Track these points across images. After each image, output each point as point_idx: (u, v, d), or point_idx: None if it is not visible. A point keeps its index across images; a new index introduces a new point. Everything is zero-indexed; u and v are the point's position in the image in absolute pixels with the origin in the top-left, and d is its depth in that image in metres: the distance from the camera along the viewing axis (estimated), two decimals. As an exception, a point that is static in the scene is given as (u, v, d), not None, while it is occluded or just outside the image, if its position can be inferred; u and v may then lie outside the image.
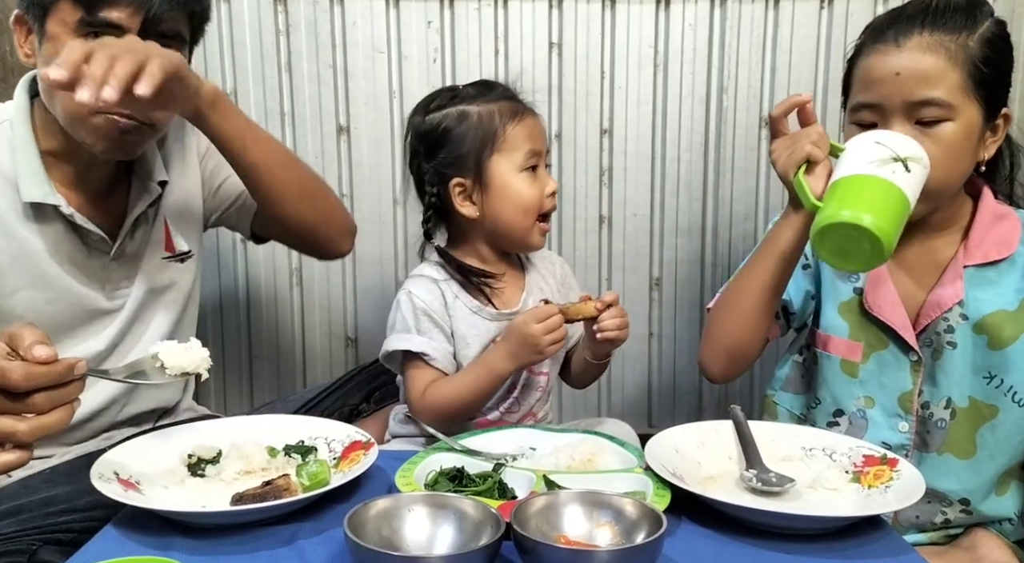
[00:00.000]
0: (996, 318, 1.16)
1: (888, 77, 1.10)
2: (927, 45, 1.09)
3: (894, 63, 1.10)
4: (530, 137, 1.29)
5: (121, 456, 0.98)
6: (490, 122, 1.27)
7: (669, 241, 1.93)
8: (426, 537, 0.81)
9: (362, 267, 1.91)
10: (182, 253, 1.37)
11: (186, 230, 1.39)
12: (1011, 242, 1.18)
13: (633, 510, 0.82)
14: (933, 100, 1.08)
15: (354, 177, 1.87)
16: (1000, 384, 1.17)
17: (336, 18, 1.81)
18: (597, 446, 1.06)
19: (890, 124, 1.11)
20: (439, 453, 1.03)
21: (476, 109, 1.28)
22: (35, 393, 0.78)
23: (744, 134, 1.88)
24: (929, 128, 1.10)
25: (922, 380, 1.19)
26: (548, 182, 1.31)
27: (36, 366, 0.78)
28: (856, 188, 1.02)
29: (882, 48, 1.11)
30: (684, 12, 1.83)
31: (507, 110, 1.28)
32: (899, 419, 1.21)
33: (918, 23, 1.10)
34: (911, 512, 1.22)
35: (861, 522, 0.91)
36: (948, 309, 1.17)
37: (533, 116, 1.31)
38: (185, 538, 0.87)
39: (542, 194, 1.30)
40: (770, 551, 0.85)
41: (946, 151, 1.09)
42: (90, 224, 1.22)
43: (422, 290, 1.28)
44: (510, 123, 1.27)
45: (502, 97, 1.30)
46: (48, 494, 1.14)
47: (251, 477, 1.00)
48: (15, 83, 1.23)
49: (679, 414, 2.01)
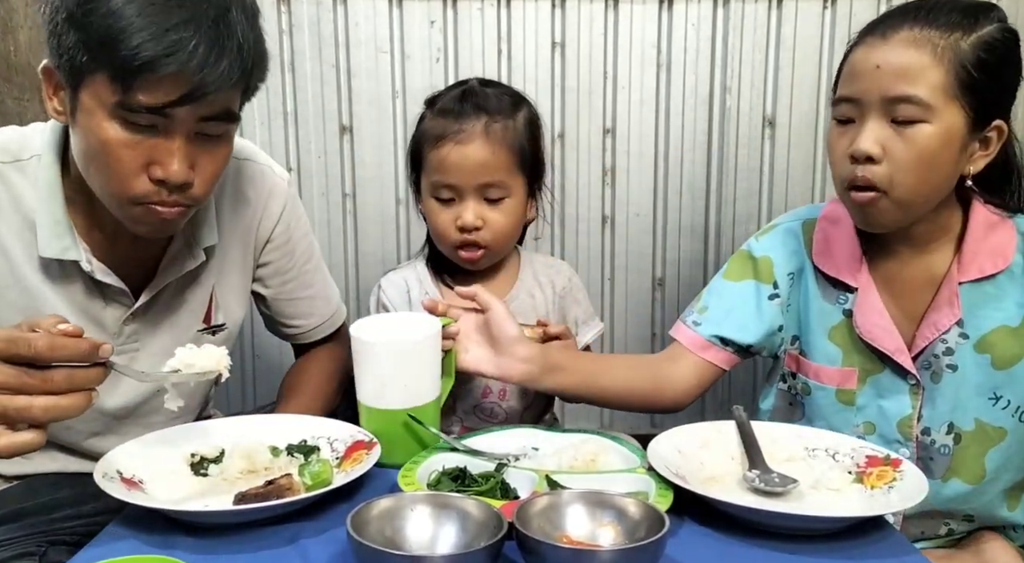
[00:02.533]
0: (998, 335, 1.10)
1: (869, 70, 1.03)
2: (913, 39, 1.01)
3: (876, 56, 1.02)
4: (439, 168, 1.24)
5: (124, 455, 0.98)
6: (422, 136, 1.27)
7: (672, 241, 1.93)
8: (429, 537, 0.81)
9: (364, 266, 1.91)
10: (216, 326, 1.24)
11: (232, 302, 1.25)
12: (1007, 253, 1.10)
13: (636, 510, 0.82)
14: (910, 97, 1.00)
15: (357, 176, 1.87)
16: (1007, 405, 1.11)
17: (339, 18, 1.81)
18: (599, 446, 1.06)
19: (866, 121, 1.03)
20: (442, 453, 1.03)
21: (427, 118, 1.28)
22: (56, 370, 0.78)
23: (747, 134, 1.88)
24: (904, 128, 1.02)
25: (921, 404, 1.13)
26: (463, 214, 1.25)
27: (62, 337, 0.78)
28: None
29: (869, 41, 1.04)
30: (687, 12, 1.83)
31: (435, 131, 1.25)
32: (899, 445, 1.14)
33: (910, 18, 1.03)
34: (916, 528, 1.19)
35: (864, 523, 0.90)
36: (946, 330, 1.10)
37: (455, 144, 1.22)
38: (188, 537, 0.87)
39: (452, 225, 1.25)
40: (773, 551, 0.85)
41: (918, 155, 1.01)
42: (112, 277, 1.09)
43: (389, 286, 1.34)
44: (430, 146, 1.25)
45: (449, 112, 1.25)
46: (53, 496, 1.14)
47: (254, 476, 1.00)
48: (19, 82, 1.21)
49: (681, 415, 2.00)
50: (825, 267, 1.18)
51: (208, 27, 0.91)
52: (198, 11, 0.91)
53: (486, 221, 1.25)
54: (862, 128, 1.03)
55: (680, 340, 1.24)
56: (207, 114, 0.96)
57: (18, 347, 0.78)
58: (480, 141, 1.23)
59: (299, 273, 1.32)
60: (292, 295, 1.33)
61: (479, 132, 1.23)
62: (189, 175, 0.97)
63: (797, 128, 1.89)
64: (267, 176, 1.26)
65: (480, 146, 1.23)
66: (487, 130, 1.23)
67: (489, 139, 1.23)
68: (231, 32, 0.93)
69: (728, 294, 1.24)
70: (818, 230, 1.20)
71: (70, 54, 0.93)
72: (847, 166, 1.05)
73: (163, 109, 0.92)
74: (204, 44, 0.91)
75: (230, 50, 0.93)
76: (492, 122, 1.24)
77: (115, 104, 0.93)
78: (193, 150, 0.98)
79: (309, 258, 1.34)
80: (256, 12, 1.00)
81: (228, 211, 1.21)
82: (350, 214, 1.90)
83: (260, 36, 1.00)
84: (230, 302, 1.24)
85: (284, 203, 1.27)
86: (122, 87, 0.91)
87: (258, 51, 0.99)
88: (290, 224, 1.28)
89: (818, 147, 1.89)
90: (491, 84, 1.32)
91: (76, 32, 0.92)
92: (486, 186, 1.24)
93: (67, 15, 0.92)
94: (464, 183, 1.24)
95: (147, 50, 0.89)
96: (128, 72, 0.90)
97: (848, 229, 1.17)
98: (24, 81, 1.73)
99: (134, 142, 0.95)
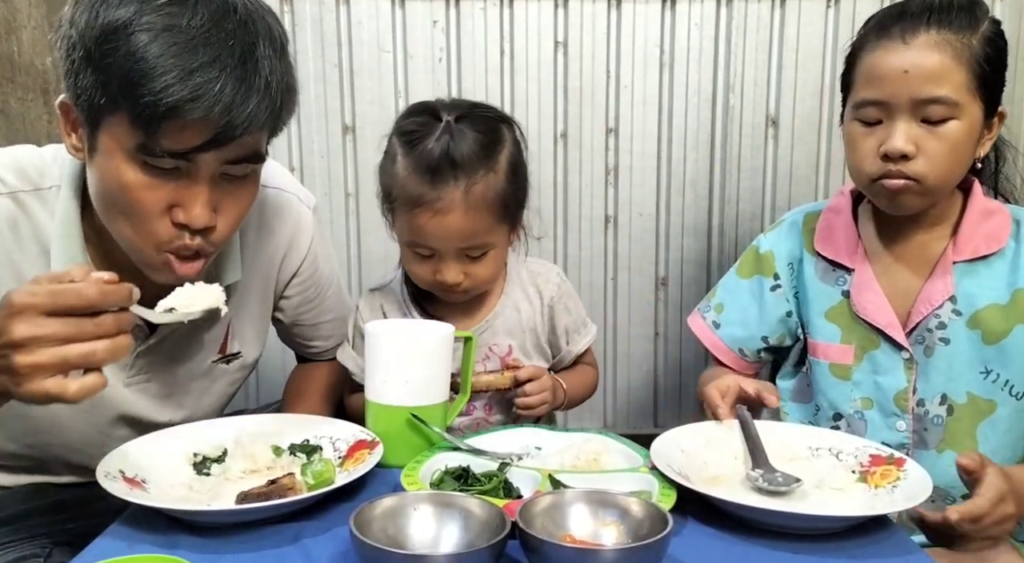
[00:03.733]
0: (989, 312, 1.17)
1: (895, 74, 1.10)
2: (935, 43, 1.09)
3: (902, 60, 1.09)
4: (417, 234, 1.14)
5: (127, 454, 0.98)
6: (394, 189, 1.15)
7: (675, 241, 1.93)
8: (432, 536, 0.81)
9: (367, 265, 1.91)
10: (232, 355, 1.21)
11: (248, 332, 1.22)
12: (1000, 237, 1.19)
13: (639, 509, 0.82)
14: (940, 98, 1.09)
15: (359, 176, 1.87)
16: (997, 379, 1.17)
17: (342, 17, 1.81)
18: (602, 445, 1.06)
19: (895, 121, 1.11)
20: (444, 452, 1.03)
21: (400, 164, 1.13)
22: (105, 315, 0.79)
23: (750, 133, 1.88)
24: (935, 126, 1.10)
25: (916, 378, 1.19)
26: (444, 272, 1.15)
27: (107, 284, 0.79)
28: None
29: (888, 45, 1.11)
30: (690, 11, 1.83)
31: (409, 195, 1.12)
32: (896, 418, 1.21)
33: (924, 20, 1.10)
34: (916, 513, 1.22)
35: (868, 522, 0.90)
36: (939, 305, 1.18)
37: (434, 215, 1.11)
38: (191, 536, 0.87)
39: (431, 276, 1.17)
40: (776, 551, 0.85)
41: (951, 149, 1.10)
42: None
43: (365, 308, 1.27)
44: (403, 208, 1.14)
45: (425, 173, 1.11)
46: (57, 498, 1.14)
47: (256, 476, 1.00)
48: (22, 82, 1.20)
49: (685, 414, 2.01)
50: (826, 252, 1.27)
51: (234, 66, 0.87)
52: (224, 49, 0.86)
53: (468, 274, 1.17)
54: (893, 128, 1.11)
55: (700, 337, 1.36)
56: (233, 157, 0.93)
57: (66, 298, 0.78)
58: (460, 211, 1.11)
59: (321, 300, 1.31)
60: (313, 321, 1.33)
61: (459, 201, 1.10)
62: (212, 219, 0.94)
63: (800, 127, 1.88)
64: (293, 208, 1.22)
65: (460, 215, 1.11)
66: (467, 197, 1.11)
67: (469, 207, 1.11)
68: (258, 70, 0.88)
69: (740, 292, 1.35)
70: (822, 219, 1.30)
71: (88, 94, 0.88)
72: (876, 163, 1.13)
73: (187, 154, 0.89)
74: (231, 86, 0.86)
75: (257, 90, 0.88)
76: (472, 184, 1.11)
77: (135, 147, 0.89)
78: (217, 193, 0.94)
79: (331, 283, 1.32)
80: (284, 42, 0.95)
81: (252, 243, 1.17)
82: (353, 214, 1.90)
83: (289, 69, 0.95)
84: (247, 332, 1.22)
85: (311, 238, 1.24)
86: (144, 131, 0.87)
87: (287, 87, 0.94)
88: (317, 256, 1.26)
89: (821, 146, 1.89)
90: (466, 115, 1.14)
91: (94, 73, 0.87)
92: (467, 248, 1.15)
93: (84, 54, 0.87)
94: (444, 248, 1.14)
95: (171, 95, 0.84)
96: (150, 117, 0.85)
97: (848, 218, 1.27)
98: (27, 81, 1.73)
99: (155, 185, 0.91)
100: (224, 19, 0.87)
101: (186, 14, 0.86)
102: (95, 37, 0.86)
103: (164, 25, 0.85)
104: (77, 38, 0.88)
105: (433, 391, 1.06)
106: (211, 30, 0.86)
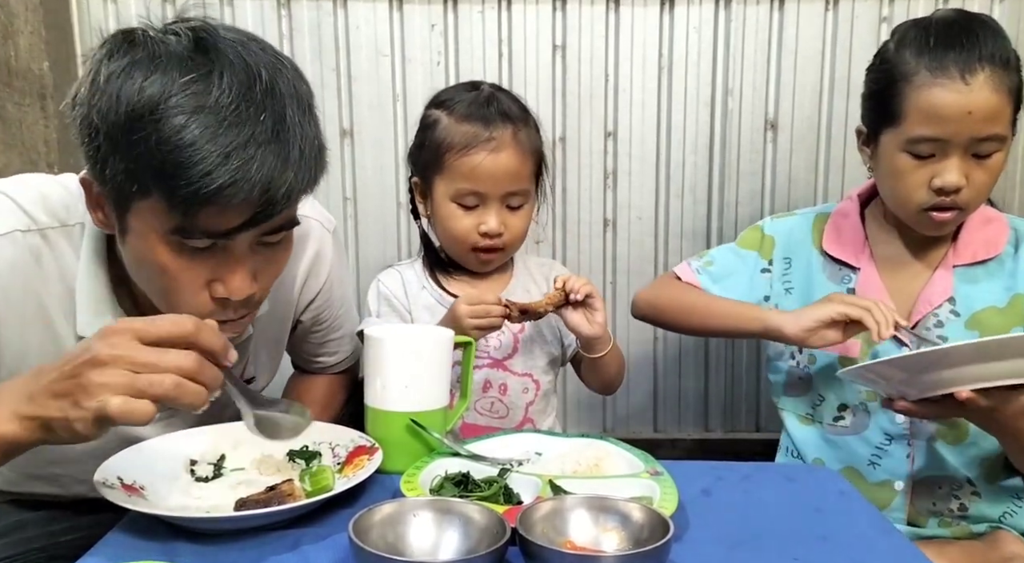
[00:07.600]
0: (987, 314, 1.23)
1: (960, 116, 1.12)
2: (992, 84, 1.12)
3: (967, 101, 1.11)
4: (469, 176, 1.24)
5: (124, 461, 0.98)
6: (444, 142, 1.25)
7: (674, 244, 1.93)
8: (431, 542, 0.80)
9: (365, 270, 1.91)
10: (246, 380, 1.21)
11: (263, 355, 1.22)
12: (998, 243, 1.25)
13: (640, 515, 0.81)
14: (995, 136, 1.13)
15: (357, 180, 1.87)
16: None
17: (339, 21, 1.81)
18: (603, 451, 1.06)
19: (950, 157, 1.14)
20: (444, 458, 1.02)
21: (446, 121, 1.26)
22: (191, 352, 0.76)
23: (749, 137, 1.88)
24: (984, 159, 1.15)
25: None
26: (487, 220, 1.26)
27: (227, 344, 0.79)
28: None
29: (948, 84, 1.12)
30: (688, 14, 1.83)
31: (462, 138, 1.23)
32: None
33: (976, 57, 1.12)
34: (927, 501, 1.26)
35: (868, 522, 0.90)
36: (938, 306, 1.24)
37: (488, 153, 1.22)
38: (189, 543, 0.86)
39: (473, 230, 1.27)
40: (777, 556, 0.85)
41: (993, 177, 1.17)
42: None
43: (388, 278, 1.36)
44: (456, 153, 1.24)
45: (477, 119, 1.24)
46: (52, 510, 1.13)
47: (255, 482, 1.00)
48: (19, 87, 1.19)
49: (684, 419, 2.00)
50: (834, 251, 1.33)
51: (268, 140, 0.84)
52: (256, 125, 0.83)
53: (507, 226, 1.28)
54: (946, 163, 1.15)
55: (678, 273, 1.44)
56: (270, 229, 0.91)
57: (162, 323, 0.76)
58: (511, 150, 1.23)
59: (333, 319, 1.31)
60: (322, 339, 1.33)
61: (509, 140, 1.23)
62: (253, 288, 0.93)
63: (799, 131, 1.88)
64: (314, 233, 1.20)
65: (511, 155, 1.24)
66: (516, 138, 1.24)
67: (518, 148, 1.24)
68: (292, 139, 0.86)
69: (733, 257, 1.42)
70: (830, 222, 1.36)
71: (117, 181, 0.85)
72: (927, 195, 1.17)
73: (226, 234, 0.87)
74: (268, 164, 0.83)
75: (293, 162, 0.86)
76: (518, 130, 1.25)
77: (171, 230, 0.86)
78: (255, 261, 0.93)
79: (343, 302, 1.32)
80: (311, 100, 0.91)
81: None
82: (351, 218, 1.89)
83: (318, 128, 0.92)
84: (261, 356, 1.22)
85: (330, 264, 1.23)
86: (181, 216, 0.84)
87: (319, 150, 0.91)
88: (333, 282, 1.26)
89: (820, 149, 1.89)
90: (500, 89, 1.32)
91: (123, 160, 0.83)
92: (511, 194, 1.26)
93: (110, 141, 0.83)
94: (492, 191, 1.25)
95: (209, 183, 0.81)
96: (188, 204, 0.83)
97: (855, 220, 1.34)
98: (24, 86, 1.72)
99: (193, 265, 0.89)
100: (251, 90, 0.84)
101: (212, 90, 0.82)
102: (121, 124, 0.82)
103: (194, 107, 0.81)
104: (99, 122, 0.83)
105: (433, 396, 1.06)
106: (240, 105, 0.83)
